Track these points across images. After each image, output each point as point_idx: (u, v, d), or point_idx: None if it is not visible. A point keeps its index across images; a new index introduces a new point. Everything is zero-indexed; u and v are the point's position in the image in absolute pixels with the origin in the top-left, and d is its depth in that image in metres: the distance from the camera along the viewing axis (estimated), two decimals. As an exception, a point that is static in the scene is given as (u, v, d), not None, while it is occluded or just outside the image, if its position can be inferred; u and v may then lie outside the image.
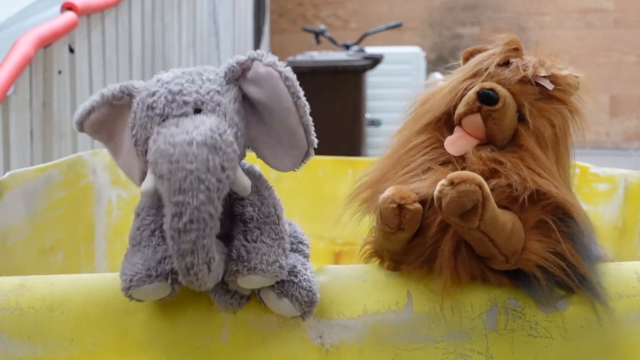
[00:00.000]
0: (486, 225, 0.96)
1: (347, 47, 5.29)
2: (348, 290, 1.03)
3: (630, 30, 6.94)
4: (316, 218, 2.06)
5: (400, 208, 0.99)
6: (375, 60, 4.57)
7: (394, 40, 6.85)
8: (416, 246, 1.04)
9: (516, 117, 1.08)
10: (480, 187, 0.93)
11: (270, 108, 1.00)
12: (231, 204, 1.01)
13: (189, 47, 4.40)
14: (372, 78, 5.06)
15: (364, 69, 4.47)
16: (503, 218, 0.98)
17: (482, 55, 1.14)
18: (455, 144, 1.07)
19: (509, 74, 1.09)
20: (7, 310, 0.99)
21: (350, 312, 1.01)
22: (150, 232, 1.01)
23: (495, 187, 1.02)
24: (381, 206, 1.00)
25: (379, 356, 1.00)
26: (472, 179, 0.93)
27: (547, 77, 1.10)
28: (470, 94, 1.08)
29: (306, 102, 0.99)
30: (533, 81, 1.09)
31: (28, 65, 2.42)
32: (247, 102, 1.02)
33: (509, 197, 1.02)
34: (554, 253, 1.01)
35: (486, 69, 1.10)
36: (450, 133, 1.09)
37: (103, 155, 1.87)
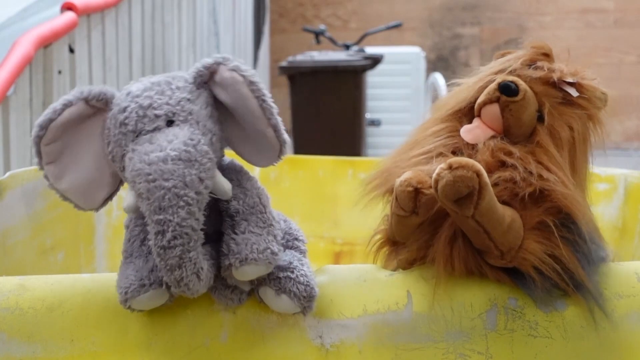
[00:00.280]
0: (481, 215, 0.96)
1: (347, 47, 5.29)
2: (348, 290, 1.03)
3: (630, 30, 6.94)
4: (316, 218, 2.06)
5: (417, 192, 0.99)
6: (375, 60, 4.56)
7: (394, 40, 6.85)
8: (417, 232, 1.04)
9: (535, 116, 1.08)
10: (478, 175, 0.93)
11: (238, 111, 1.00)
12: (215, 201, 1.01)
13: (189, 47, 4.40)
14: (372, 78, 5.06)
15: (364, 69, 4.47)
16: (501, 212, 0.98)
17: (510, 55, 1.16)
18: (471, 132, 1.08)
19: (532, 72, 1.10)
20: (7, 310, 0.99)
21: (350, 312, 1.01)
22: (140, 242, 1.02)
23: (498, 180, 1.02)
24: (397, 189, 1.00)
25: (379, 356, 1.00)
26: (470, 166, 0.93)
27: (573, 84, 1.10)
28: (492, 85, 1.09)
29: (273, 105, 0.99)
30: (558, 86, 1.10)
31: (28, 65, 2.42)
32: (221, 104, 1.02)
33: (512, 193, 1.02)
34: (551, 256, 1.01)
35: (511, 66, 1.12)
36: (470, 123, 1.11)
37: (103, 155, 1.87)
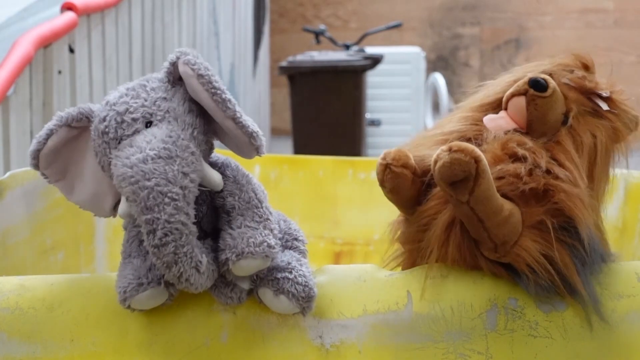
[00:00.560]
0: (476, 202, 0.96)
1: (347, 47, 5.29)
2: (348, 290, 1.03)
3: (630, 30, 6.95)
4: (316, 218, 2.06)
5: (386, 167, 1.03)
6: (375, 60, 4.57)
7: (394, 40, 6.85)
8: (419, 214, 1.06)
9: (561, 119, 1.08)
10: (476, 161, 0.94)
11: (201, 104, 1.01)
12: (212, 198, 1.02)
13: (188, 47, 4.39)
14: (372, 78, 5.06)
15: (364, 69, 4.47)
16: (499, 203, 0.98)
17: (549, 59, 1.17)
18: (494, 120, 1.09)
19: (564, 74, 1.12)
20: (7, 310, 0.99)
21: (350, 312, 1.01)
22: (139, 243, 1.03)
23: (503, 173, 1.02)
24: (378, 161, 1.05)
25: (379, 356, 1.00)
26: (469, 151, 0.94)
27: (606, 98, 1.12)
28: (523, 79, 1.10)
29: (226, 97, 0.99)
30: (590, 98, 1.11)
31: (28, 65, 2.42)
32: None
33: (515, 188, 1.02)
34: (546, 257, 1.01)
35: (549, 68, 1.13)
36: None
37: (103, 155, 1.87)
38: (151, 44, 3.73)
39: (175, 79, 1.03)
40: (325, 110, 4.40)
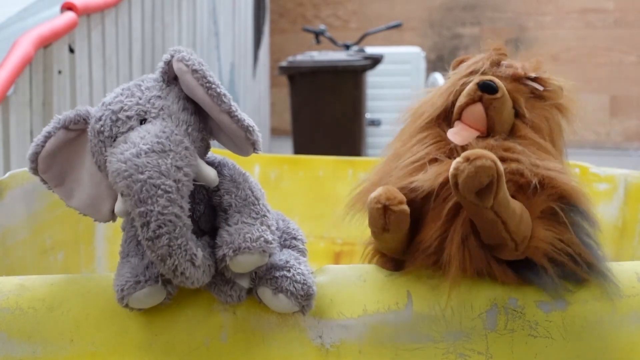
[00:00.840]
0: (499, 205, 0.96)
1: (347, 47, 5.29)
2: (348, 290, 1.03)
3: (630, 30, 6.94)
4: (316, 218, 2.06)
5: (385, 209, 0.99)
6: (375, 60, 4.56)
7: (394, 40, 6.85)
8: (420, 242, 1.04)
9: (513, 112, 1.10)
10: (494, 163, 0.94)
11: (196, 101, 1.02)
12: (209, 197, 1.03)
13: (188, 47, 4.39)
14: (372, 78, 5.06)
15: (364, 69, 4.47)
16: (513, 202, 0.99)
17: (474, 58, 1.17)
18: (459, 134, 1.09)
19: (504, 70, 1.13)
20: (7, 310, 0.99)
21: (350, 312, 1.01)
22: (137, 242, 1.03)
23: (505, 173, 1.02)
24: (368, 206, 1.01)
25: (379, 356, 1.00)
26: (487, 155, 0.94)
27: (536, 79, 1.13)
28: (470, 86, 1.10)
29: (221, 92, 0.99)
30: (524, 82, 1.12)
31: (28, 65, 2.42)
32: None
33: (515, 185, 1.03)
34: (561, 241, 1.02)
35: (482, 68, 1.14)
36: (451, 128, 1.11)
37: (103, 155, 1.87)
38: (151, 44, 3.73)
39: (170, 78, 1.03)
40: (325, 110, 4.40)
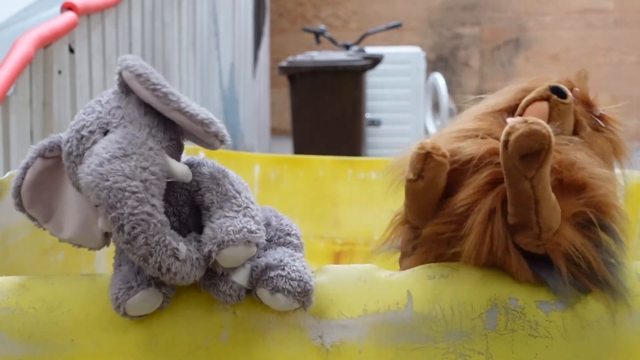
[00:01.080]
0: (539, 179, 0.96)
1: (347, 47, 5.29)
2: (348, 290, 1.03)
3: (630, 30, 6.94)
4: (316, 218, 2.06)
5: (427, 155, 1.00)
6: (375, 60, 4.57)
7: (394, 40, 6.85)
8: (448, 206, 1.04)
9: (572, 128, 1.13)
10: (549, 133, 0.94)
11: (148, 103, 1.02)
12: (192, 198, 1.04)
13: (189, 47, 4.39)
14: (372, 78, 5.06)
15: (364, 69, 4.47)
16: (550, 191, 0.99)
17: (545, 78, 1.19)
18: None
19: (576, 92, 1.16)
20: (7, 310, 0.99)
21: (350, 312, 1.01)
22: None
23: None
24: (412, 150, 1.01)
25: (379, 356, 1.00)
26: (544, 124, 0.94)
27: (600, 116, 1.17)
28: (541, 87, 1.12)
29: (169, 91, 1.00)
30: (590, 111, 1.16)
31: (28, 65, 2.42)
32: None
33: (558, 179, 1.02)
34: (583, 246, 1.02)
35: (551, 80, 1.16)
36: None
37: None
38: (151, 44, 3.73)
39: (128, 87, 1.04)
40: (325, 110, 4.40)
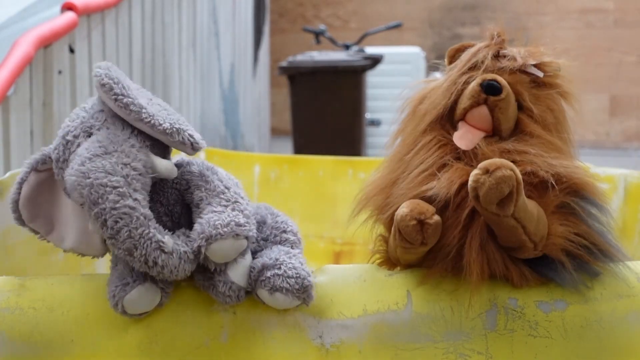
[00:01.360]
0: (519, 211, 0.95)
1: (347, 47, 5.28)
2: (348, 290, 1.03)
3: (630, 30, 6.94)
4: (316, 218, 2.06)
5: (421, 224, 0.98)
6: (375, 60, 4.56)
7: (394, 40, 6.85)
8: (436, 251, 1.03)
9: (516, 107, 1.08)
10: (513, 172, 0.93)
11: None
12: (182, 197, 1.04)
13: (189, 47, 4.39)
14: (372, 78, 5.06)
15: (364, 69, 4.46)
16: (529, 204, 0.99)
17: (473, 49, 1.14)
18: (464, 137, 1.07)
19: (508, 64, 1.10)
20: (7, 310, 0.99)
21: (350, 312, 1.01)
22: None
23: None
24: (400, 224, 0.99)
25: (379, 356, 1.00)
26: (506, 165, 0.93)
27: (536, 65, 1.11)
28: (472, 87, 1.08)
29: (130, 101, 1.00)
30: (524, 71, 1.10)
31: (28, 65, 2.42)
32: None
33: (530, 185, 1.02)
34: (577, 234, 1.02)
35: (482, 62, 1.11)
36: (454, 129, 1.09)
37: (103, 155, 1.87)
38: (151, 44, 3.73)
39: None
40: (325, 110, 4.40)
